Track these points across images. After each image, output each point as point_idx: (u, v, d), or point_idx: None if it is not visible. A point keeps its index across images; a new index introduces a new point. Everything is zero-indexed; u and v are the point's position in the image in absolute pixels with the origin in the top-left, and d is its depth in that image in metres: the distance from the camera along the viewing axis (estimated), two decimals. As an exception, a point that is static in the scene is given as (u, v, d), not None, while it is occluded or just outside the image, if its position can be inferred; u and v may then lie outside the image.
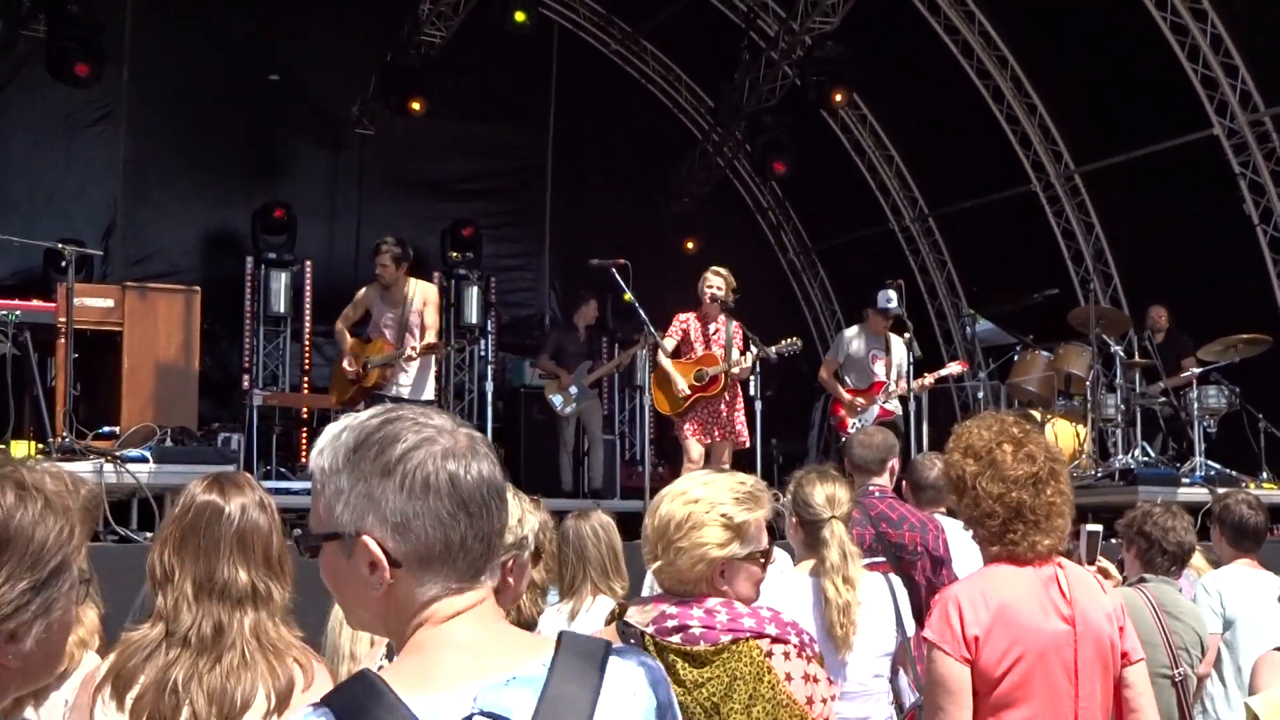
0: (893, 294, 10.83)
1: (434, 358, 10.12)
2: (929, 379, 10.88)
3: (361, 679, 1.75)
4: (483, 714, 1.68)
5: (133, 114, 14.81)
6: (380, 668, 3.62)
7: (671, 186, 17.68)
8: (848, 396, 10.88)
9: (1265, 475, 11.51)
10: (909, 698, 4.47)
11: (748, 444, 10.18)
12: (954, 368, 11.76)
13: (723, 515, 3.17)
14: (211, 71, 14.95)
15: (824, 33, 14.63)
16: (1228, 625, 5.56)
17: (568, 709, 1.73)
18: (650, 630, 3.10)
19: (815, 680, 3.23)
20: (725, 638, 3.09)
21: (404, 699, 1.71)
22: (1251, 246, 13.03)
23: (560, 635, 1.83)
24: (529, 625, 4.42)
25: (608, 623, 3.29)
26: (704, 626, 3.09)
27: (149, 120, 14.89)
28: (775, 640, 3.16)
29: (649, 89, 17.90)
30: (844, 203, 17.35)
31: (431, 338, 9.84)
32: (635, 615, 3.16)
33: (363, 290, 10.36)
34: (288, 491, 12.16)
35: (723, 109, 16.94)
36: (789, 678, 3.16)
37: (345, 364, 10.08)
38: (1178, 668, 4.66)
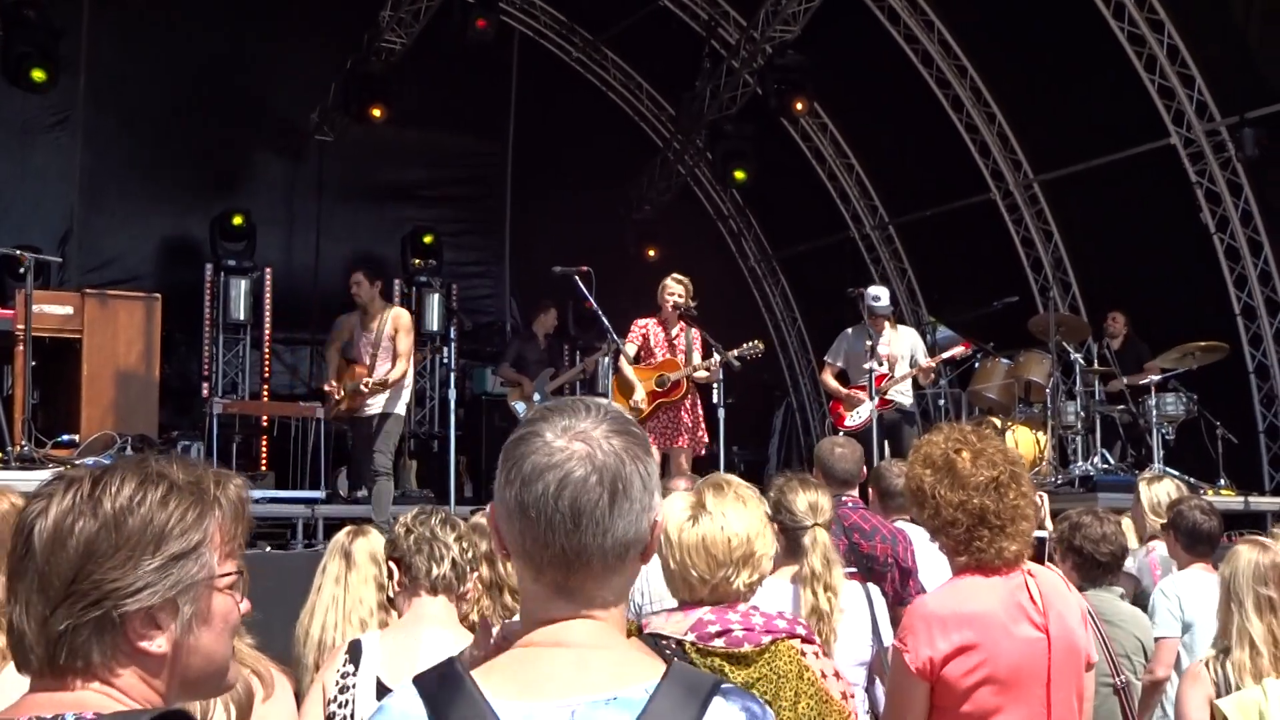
0: (880, 291, 10.84)
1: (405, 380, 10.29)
2: (932, 362, 10.92)
3: (450, 670, 1.76)
4: None
5: (89, 121, 14.69)
6: (343, 674, 3.64)
7: (633, 195, 17.67)
8: (847, 394, 10.74)
9: (1223, 482, 11.62)
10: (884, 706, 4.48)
11: (706, 448, 10.20)
12: (957, 350, 11.70)
13: (768, 523, 3.29)
14: (169, 78, 14.86)
15: (785, 41, 14.68)
16: (1186, 628, 5.60)
17: None
18: (690, 638, 3.11)
19: (839, 677, 3.30)
20: (766, 638, 3.13)
21: (495, 700, 1.71)
22: (1208, 255, 13.15)
23: (671, 663, 1.80)
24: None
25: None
26: (745, 629, 3.13)
27: (106, 127, 14.77)
28: (805, 640, 3.21)
29: (610, 97, 17.90)
30: (805, 211, 17.39)
31: (403, 365, 10.00)
32: (666, 626, 3.16)
33: (342, 317, 10.65)
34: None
35: (684, 117, 16.97)
36: (823, 675, 3.21)
37: (326, 387, 10.44)
38: (1119, 675, 4.69)
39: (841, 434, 9.40)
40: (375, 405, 9.97)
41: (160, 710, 1.70)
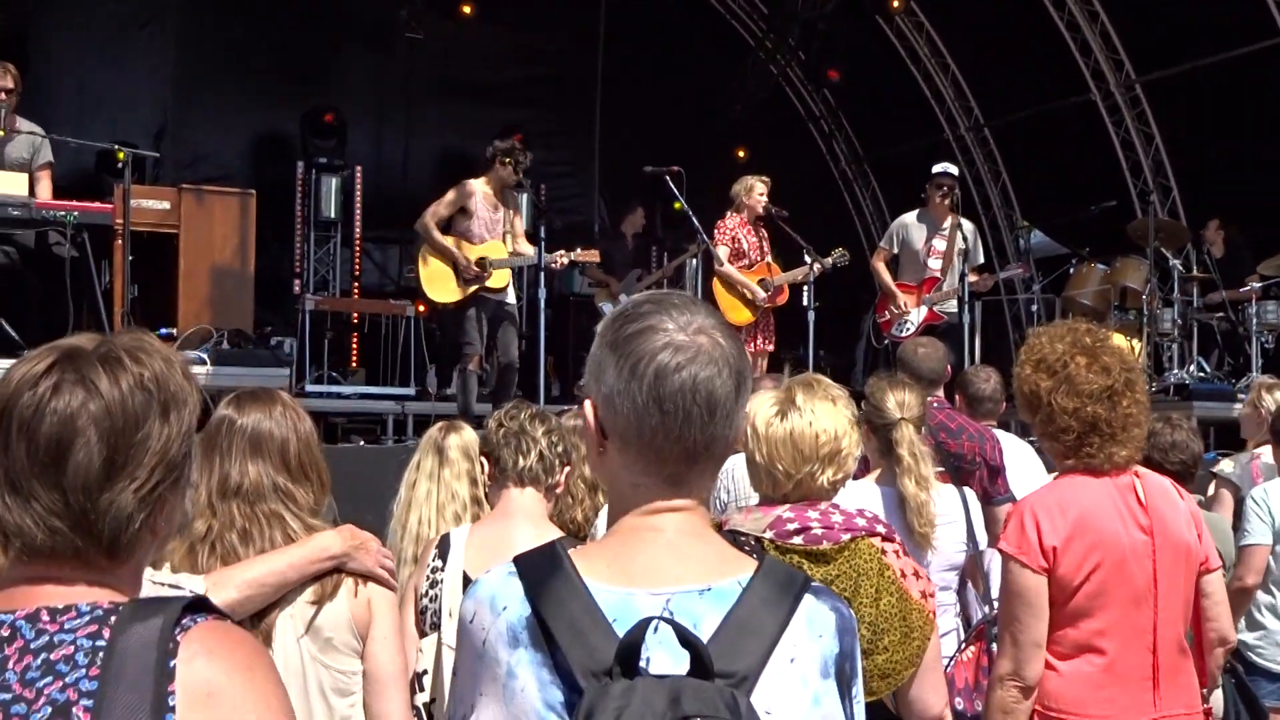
0: (948, 165, 10.54)
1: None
2: (988, 280, 10.64)
3: (551, 552, 1.78)
4: (671, 618, 1.65)
5: (182, 18, 14.74)
6: (433, 569, 3.69)
7: (723, 95, 17.45)
8: (898, 292, 10.29)
9: (1323, 392, 11.36)
10: (977, 612, 4.46)
11: (793, 352, 10.17)
12: (1014, 270, 11.53)
13: (855, 424, 3.30)
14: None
15: (882, -63, 14.35)
16: (1278, 538, 5.50)
17: (752, 634, 1.70)
18: (769, 535, 3.11)
19: (919, 576, 3.29)
20: (845, 536, 3.13)
21: (592, 584, 1.72)
22: (1316, 160, 12.77)
23: (763, 559, 1.82)
24: (578, 525, 4.44)
25: None
26: (824, 526, 3.14)
27: (198, 24, 14.80)
28: (885, 539, 3.21)
29: (701, -5, 17.64)
30: (898, 112, 17.10)
31: (525, 244, 9.44)
32: (745, 523, 3.17)
33: (465, 185, 9.48)
34: (338, 396, 12.26)
35: (777, 15, 16.69)
36: (903, 574, 3.20)
37: (461, 262, 9.23)
38: None
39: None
40: (512, 292, 9.56)
41: (193, 596, 1.69)
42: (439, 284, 9.39)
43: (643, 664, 1.63)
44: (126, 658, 1.55)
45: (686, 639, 1.61)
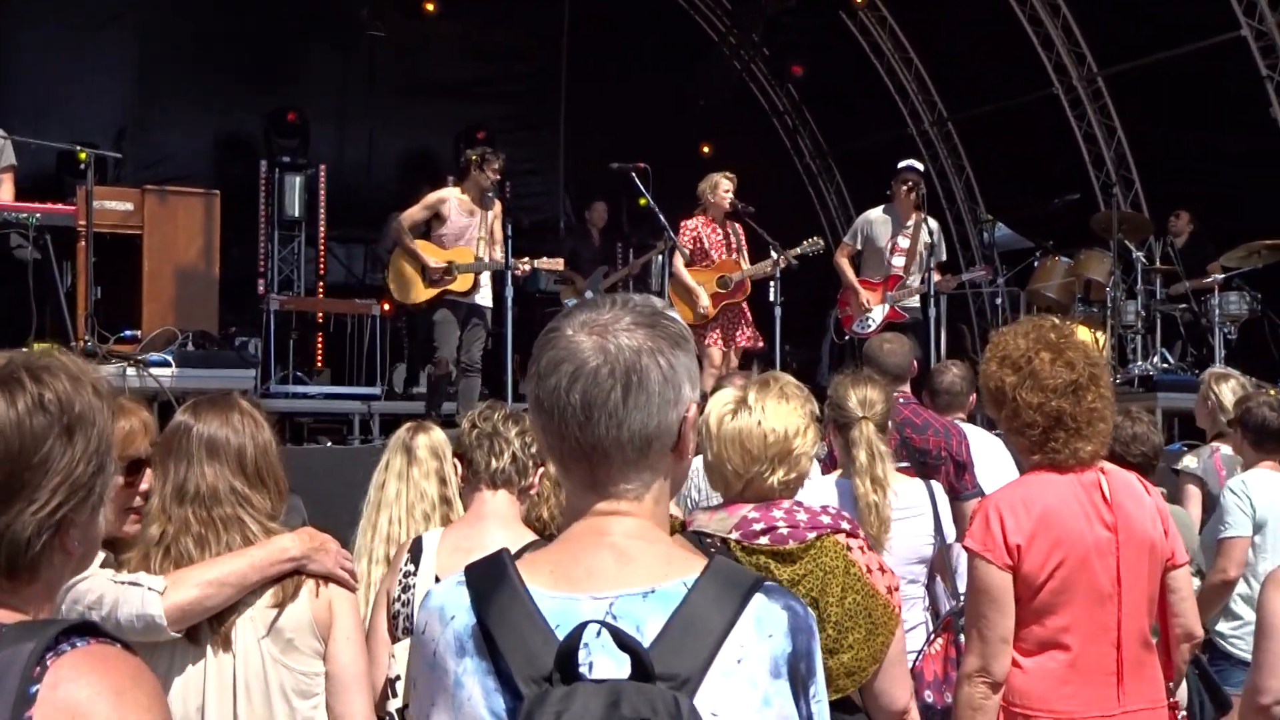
0: (914, 161, 10.52)
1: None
2: (951, 281, 10.68)
3: (497, 561, 1.78)
4: (610, 622, 1.66)
5: (144, 16, 14.66)
6: (405, 573, 3.68)
7: (688, 91, 17.46)
8: (860, 288, 10.24)
9: (1285, 382, 11.49)
10: (945, 604, 4.49)
11: (762, 345, 10.16)
12: (977, 272, 11.63)
13: (815, 421, 3.25)
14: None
15: (844, -68, 14.38)
16: (1258, 528, 5.54)
17: (696, 635, 1.69)
18: (735, 536, 3.11)
19: (884, 571, 3.30)
20: (810, 535, 3.13)
21: (536, 590, 1.72)
22: (1276, 151, 12.86)
23: (712, 558, 1.80)
24: (544, 523, 4.44)
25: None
26: (789, 525, 3.14)
27: (160, 23, 14.73)
28: (849, 535, 3.22)
29: (665, -10, 17.63)
30: (862, 106, 17.14)
31: (499, 252, 9.48)
32: (710, 524, 3.17)
33: (440, 193, 9.67)
34: (304, 396, 12.22)
35: (740, 11, 16.70)
36: (868, 569, 3.21)
37: (431, 263, 9.35)
38: None
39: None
40: (483, 295, 9.60)
41: (77, 621, 1.64)
42: (407, 285, 9.51)
43: (584, 669, 1.63)
44: None
45: (624, 643, 1.61)
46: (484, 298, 9.65)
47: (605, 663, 1.65)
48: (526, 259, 9.58)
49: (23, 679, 1.51)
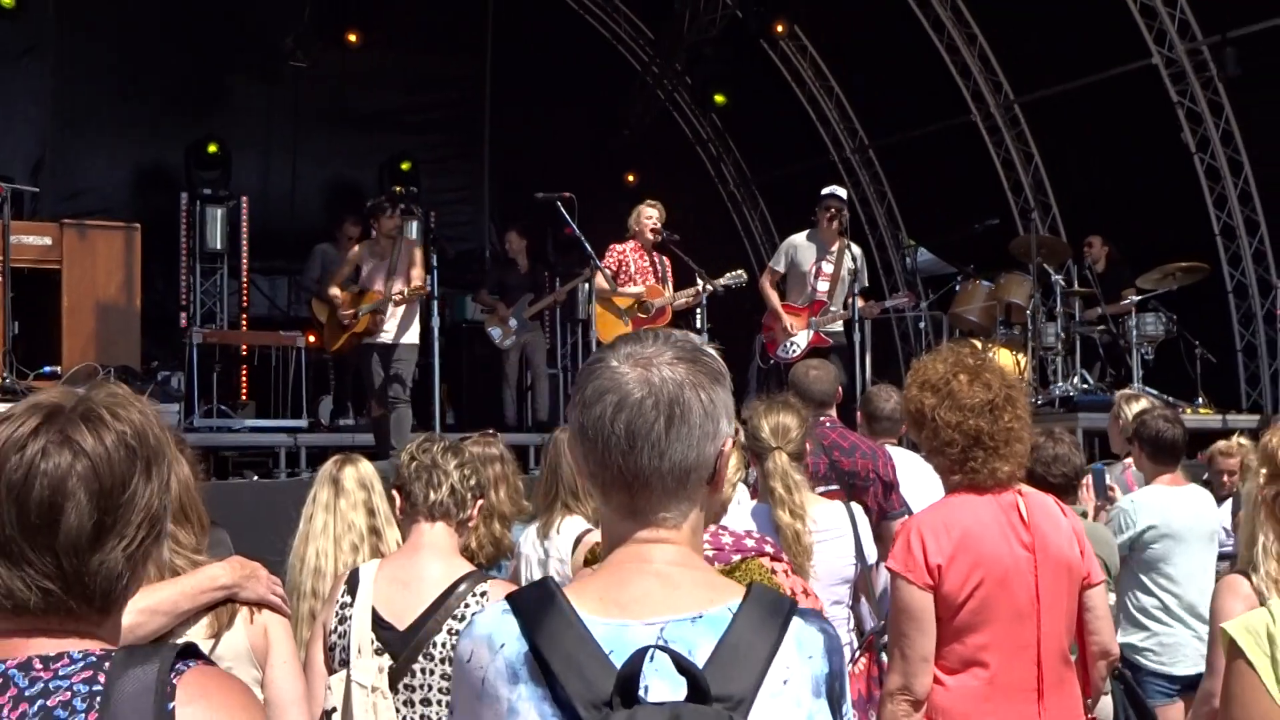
0: (838, 188, 10.60)
1: (418, 300, 10.03)
2: (875, 307, 10.78)
3: (544, 587, 1.82)
4: (666, 646, 1.70)
5: (61, 47, 14.50)
6: (341, 605, 3.67)
7: (611, 119, 17.54)
8: (784, 314, 10.33)
9: (1201, 401, 11.72)
10: (870, 623, 4.53)
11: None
12: (901, 299, 11.76)
13: (740, 448, 3.26)
14: (140, 3, 14.63)
15: (764, -38, 14.52)
16: (1130, 543, 5.66)
17: (744, 657, 1.74)
18: None
19: (809, 594, 3.33)
20: (735, 557, 3.16)
21: (586, 617, 1.76)
22: (1188, 175, 13.14)
23: (750, 585, 1.86)
24: (471, 552, 4.44)
25: (587, 561, 3.31)
26: (714, 548, 3.16)
27: (77, 53, 14.59)
28: (773, 559, 3.25)
29: (588, 20, 17.71)
30: (784, 135, 17.29)
31: (417, 281, 9.76)
32: None
33: (353, 251, 10.46)
34: (229, 430, 12.09)
35: (663, 41, 16.82)
36: (793, 593, 3.23)
37: (342, 309, 9.97)
38: None
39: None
40: (391, 332, 9.84)
41: (182, 644, 1.72)
42: (328, 332, 10.23)
43: (641, 693, 1.67)
44: (124, 702, 1.58)
45: (683, 666, 1.66)
46: (391, 334, 9.88)
47: (661, 686, 1.69)
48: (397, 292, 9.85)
49: (159, 696, 1.59)
